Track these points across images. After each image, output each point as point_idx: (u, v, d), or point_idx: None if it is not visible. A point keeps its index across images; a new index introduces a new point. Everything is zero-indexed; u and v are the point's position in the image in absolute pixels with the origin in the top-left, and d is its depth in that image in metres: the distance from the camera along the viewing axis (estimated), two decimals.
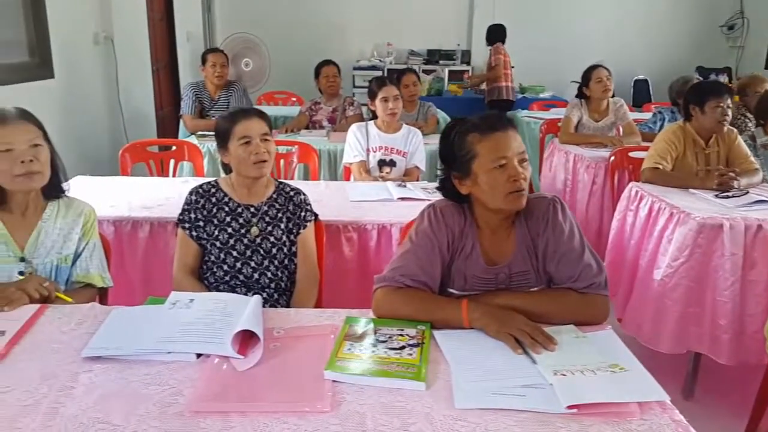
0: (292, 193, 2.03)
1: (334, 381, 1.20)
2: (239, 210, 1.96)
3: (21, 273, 1.64)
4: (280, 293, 1.98)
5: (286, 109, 5.22)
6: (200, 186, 2.00)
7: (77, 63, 4.29)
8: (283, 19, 7.57)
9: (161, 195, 2.56)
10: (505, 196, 1.45)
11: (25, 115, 1.65)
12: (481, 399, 1.14)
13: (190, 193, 1.98)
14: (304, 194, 2.06)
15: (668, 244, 2.42)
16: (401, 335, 1.36)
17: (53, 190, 1.72)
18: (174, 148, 3.45)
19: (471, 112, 1.58)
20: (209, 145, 3.53)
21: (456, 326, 1.40)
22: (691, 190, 2.73)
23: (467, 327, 1.39)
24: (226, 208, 1.96)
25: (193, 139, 3.68)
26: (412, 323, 1.41)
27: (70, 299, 1.61)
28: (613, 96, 4.02)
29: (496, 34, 6.30)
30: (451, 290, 1.54)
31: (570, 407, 1.11)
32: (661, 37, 8.16)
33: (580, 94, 4.00)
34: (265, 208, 1.99)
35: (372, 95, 3.17)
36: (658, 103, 6.43)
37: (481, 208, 1.53)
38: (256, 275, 1.94)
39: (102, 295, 1.82)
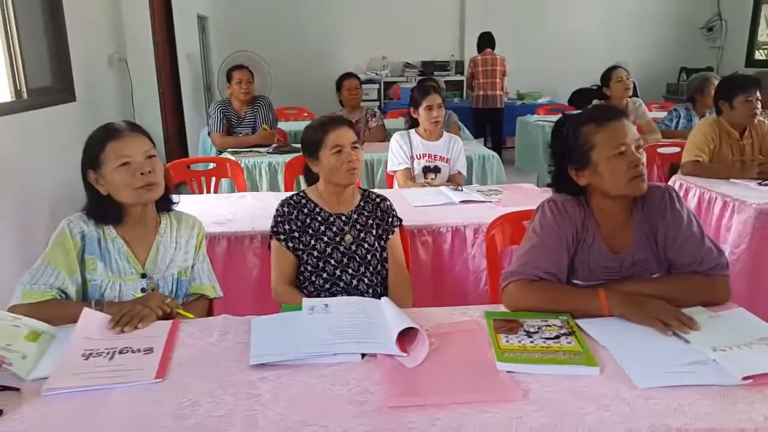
0: (378, 200, 2.06)
1: (508, 371, 1.23)
2: (331, 219, 1.98)
3: (143, 290, 1.64)
4: (377, 298, 1.99)
5: (298, 124, 5.23)
6: (290, 197, 2.02)
7: (95, 85, 4.26)
8: (277, 37, 7.62)
9: (226, 211, 2.56)
10: (628, 181, 1.50)
11: (136, 127, 1.64)
12: (660, 377, 1.18)
13: (281, 205, 1.99)
14: (389, 200, 2.09)
15: (727, 233, 2.51)
16: (548, 326, 1.40)
17: (166, 203, 1.70)
18: (212, 165, 3.44)
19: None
20: (245, 161, 3.54)
21: (594, 315, 1.44)
22: (732, 180, 2.83)
23: (606, 315, 1.43)
24: (319, 218, 1.98)
25: (230, 156, 3.67)
26: (551, 314, 1.45)
27: (191, 315, 1.61)
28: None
29: (480, 43, 6.52)
30: (576, 281, 1.58)
31: (744, 378, 1.16)
32: (646, 40, 8.45)
33: (601, 96, 4.11)
34: (355, 216, 2.01)
35: (415, 104, 3.21)
36: (652, 102, 6.63)
37: (598, 198, 1.58)
38: (354, 282, 1.96)
39: (209, 307, 1.81)
